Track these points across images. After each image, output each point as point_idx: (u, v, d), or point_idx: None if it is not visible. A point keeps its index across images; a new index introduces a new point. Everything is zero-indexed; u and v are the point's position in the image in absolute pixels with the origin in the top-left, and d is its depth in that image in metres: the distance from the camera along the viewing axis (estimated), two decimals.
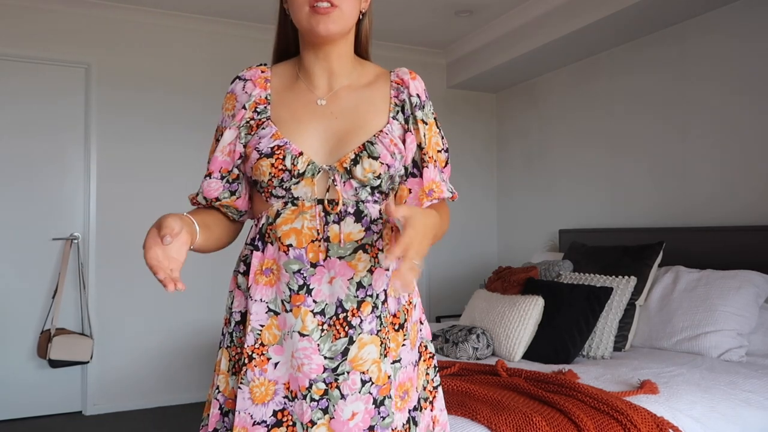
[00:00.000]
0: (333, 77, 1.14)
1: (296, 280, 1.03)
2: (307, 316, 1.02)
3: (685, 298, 2.70)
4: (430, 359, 1.17)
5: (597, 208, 3.92)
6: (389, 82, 1.18)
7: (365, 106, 1.13)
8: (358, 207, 1.07)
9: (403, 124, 1.14)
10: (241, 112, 1.11)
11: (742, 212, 3.01)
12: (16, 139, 3.62)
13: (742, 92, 3.02)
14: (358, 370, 1.02)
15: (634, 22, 3.36)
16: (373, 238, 1.07)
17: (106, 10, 3.77)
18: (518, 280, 2.94)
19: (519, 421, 1.64)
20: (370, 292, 1.05)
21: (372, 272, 1.05)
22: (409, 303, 1.13)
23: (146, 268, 3.82)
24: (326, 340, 1.02)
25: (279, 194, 1.07)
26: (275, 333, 1.04)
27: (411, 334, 1.11)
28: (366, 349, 1.03)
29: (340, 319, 1.03)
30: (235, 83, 1.15)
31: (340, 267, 1.04)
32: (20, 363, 3.59)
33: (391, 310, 1.08)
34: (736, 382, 2.11)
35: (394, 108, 1.14)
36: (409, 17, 4.01)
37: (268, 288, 1.06)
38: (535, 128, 4.52)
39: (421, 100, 1.17)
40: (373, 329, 1.04)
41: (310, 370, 1.01)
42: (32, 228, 3.64)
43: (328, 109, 1.11)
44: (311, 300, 1.03)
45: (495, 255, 4.93)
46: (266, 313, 1.05)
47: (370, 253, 1.06)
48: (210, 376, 3.91)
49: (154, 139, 3.89)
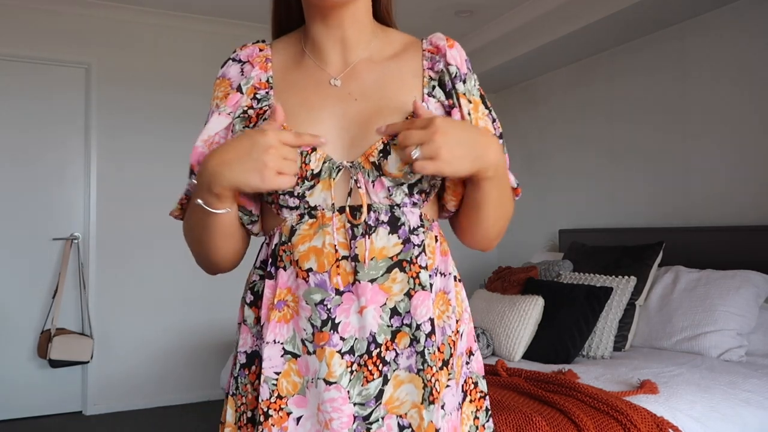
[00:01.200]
0: (348, 49, 0.90)
1: (319, 314, 0.81)
2: (333, 359, 0.81)
3: (685, 298, 2.70)
4: (480, 400, 0.93)
5: (597, 208, 3.92)
6: (420, 51, 0.93)
7: (392, 82, 0.89)
8: (393, 213, 0.84)
9: (442, 101, 0.89)
10: (235, 95, 0.89)
11: (742, 212, 3.01)
12: (16, 139, 3.62)
13: (743, 92, 3.02)
14: (394, 414, 0.82)
15: (633, 23, 3.36)
16: (413, 253, 0.83)
17: (106, 10, 3.77)
18: (518, 280, 2.94)
19: (519, 421, 1.64)
20: (408, 321, 0.82)
21: (411, 296, 0.83)
22: (456, 333, 0.89)
23: (146, 268, 3.83)
24: (356, 383, 0.81)
25: (292, 205, 0.84)
26: (295, 381, 0.83)
27: (456, 371, 0.89)
28: (403, 389, 0.82)
29: (372, 357, 0.81)
30: (227, 66, 0.93)
31: (371, 293, 0.81)
32: (20, 363, 3.59)
33: (437, 343, 0.85)
34: (735, 382, 2.11)
35: (429, 82, 0.90)
36: (409, 17, 4.01)
37: (283, 325, 0.84)
38: (535, 128, 4.52)
39: (462, 72, 0.90)
40: (412, 366, 0.82)
41: (341, 426, 0.80)
42: (32, 228, 3.64)
43: (345, 90, 0.88)
44: (338, 337, 0.81)
45: (495, 255, 4.93)
46: (282, 356, 0.83)
47: (408, 273, 0.83)
48: (210, 376, 3.92)
49: (154, 139, 3.89)
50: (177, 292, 3.90)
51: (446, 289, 0.89)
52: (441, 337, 0.86)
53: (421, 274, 0.83)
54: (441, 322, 0.87)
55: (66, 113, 3.75)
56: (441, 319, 0.87)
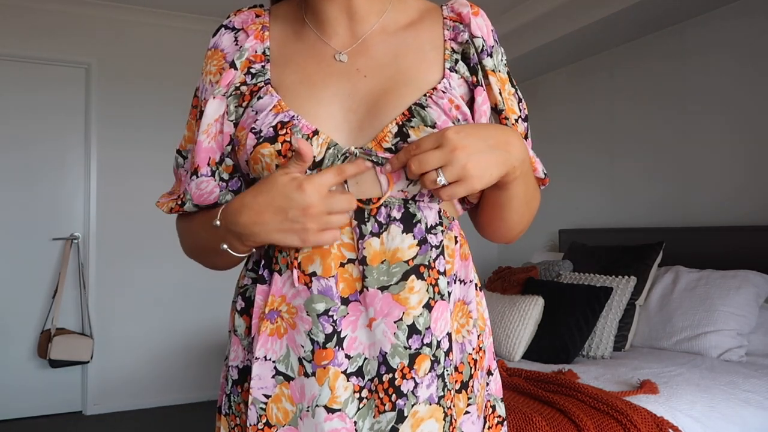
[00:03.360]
0: (355, 21, 0.77)
1: (322, 327, 0.69)
2: (337, 381, 0.68)
3: (685, 298, 2.70)
4: (498, 426, 0.82)
5: (597, 208, 3.92)
6: (441, 19, 0.80)
7: (408, 54, 0.76)
8: (408, 209, 0.72)
9: (466, 77, 0.78)
10: (229, 72, 0.76)
11: (742, 212, 3.01)
12: (16, 139, 3.62)
13: (743, 93, 3.02)
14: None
15: (633, 23, 3.36)
16: (430, 256, 0.72)
17: (106, 10, 3.77)
18: (518, 280, 2.94)
19: (519, 421, 1.64)
20: (428, 340, 0.70)
21: (431, 308, 0.71)
22: (478, 350, 0.78)
23: (146, 268, 3.83)
24: (367, 414, 0.69)
25: None
26: (287, 408, 0.71)
27: (476, 395, 0.78)
28: (423, 428, 0.70)
29: (384, 383, 0.69)
30: (219, 35, 0.81)
31: (382, 303, 0.69)
32: (20, 363, 3.59)
33: (455, 362, 0.75)
34: (735, 382, 2.11)
35: (452, 56, 0.78)
36: None
37: (275, 340, 0.72)
38: (535, 127, 4.50)
39: (488, 44, 0.79)
40: (432, 396, 0.70)
41: None
42: (32, 228, 3.64)
43: (353, 66, 0.76)
44: (343, 355, 0.69)
45: (495, 255, 4.93)
46: (273, 377, 0.71)
47: (427, 279, 0.71)
48: (210, 376, 3.91)
49: (154, 139, 3.89)
50: (177, 292, 3.90)
51: (466, 299, 0.78)
52: (460, 354, 0.75)
53: (440, 280, 0.72)
54: (460, 338, 0.76)
55: (66, 113, 3.74)
56: (460, 333, 0.76)
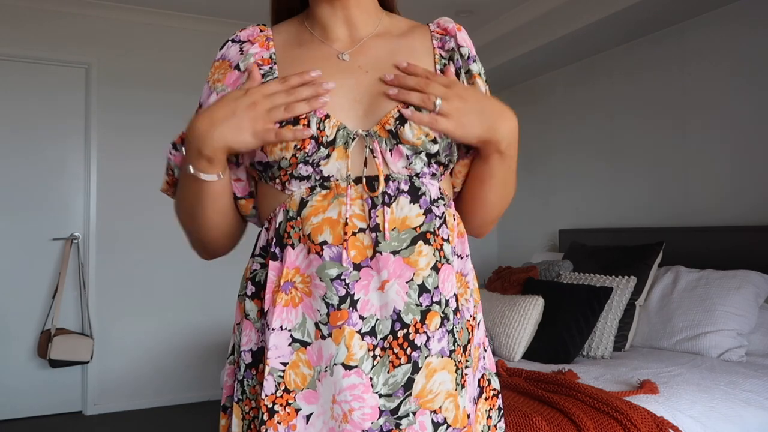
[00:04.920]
0: (354, 28, 0.87)
1: (336, 290, 0.75)
2: (353, 340, 0.74)
3: (684, 298, 2.70)
4: (494, 398, 0.89)
5: (597, 208, 3.92)
6: (429, 33, 0.93)
7: (404, 54, 0.86)
8: (413, 183, 0.79)
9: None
10: (233, 74, 0.85)
11: (741, 212, 3.01)
12: (16, 139, 3.62)
13: (743, 93, 3.01)
14: (427, 409, 0.74)
15: (633, 23, 3.36)
16: (435, 224, 0.79)
17: (106, 10, 3.77)
18: (518, 280, 2.94)
19: (519, 421, 1.64)
20: (438, 298, 0.77)
21: (438, 270, 0.78)
22: (473, 319, 0.86)
23: (146, 268, 3.83)
24: (381, 370, 0.74)
25: (304, 173, 0.79)
26: (304, 372, 0.76)
27: (473, 360, 0.84)
28: (436, 378, 0.75)
29: (398, 339, 0.75)
30: (226, 47, 0.89)
31: (394, 265, 0.76)
32: (20, 363, 3.59)
33: (463, 325, 0.83)
34: (735, 382, 2.11)
35: (441, 59, 0.87)
36: (409, 17, 4.01)
37: (290, 309, 0.77)
38: (535, 128, 4.51)
39: (472, 54, 0.90)
40: (444, 349, 0.76)
41: (362, 418, 0.72)
42: (32, 228, 3.64)
43: (355, 64, 0.84)
44: (357, 316, 0.75)
45: (495, 255, 4.93)
46: (290, 345, 0.76)
47: (433, 244, 0.78)
48: (210, 376, 3.91)
49: (154, 139, 3.89)
50: (177, 292, 3.90)
51: (464, 272, 0.86)
52: (460, 320, 0.82)
53: (445, 246, 0.80)
54: (460, 305, 0.82)
55: (66, 113, 3.75)
56: (459, 301, 0.82)
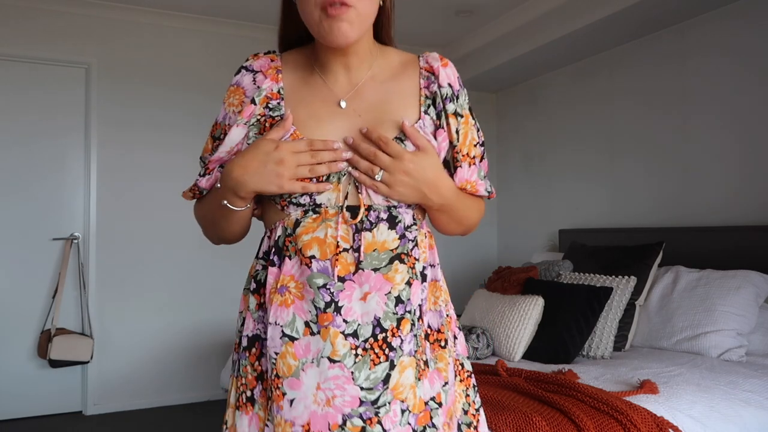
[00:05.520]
0: (352, 72, 1.00)
1: (322, 296, 0.90)
2: (337, 339, 0.88)
3: (684, 298, 2.70)
4: (468, 378, 1.04)
5: (597, 208, 3.92)
6: (418, 69, 1.03)
7: (393, 100, 0.99)
8: (391, 212, 0.95)
9: (434, 119, 1.00)
10: (249, 107, 0.97)
11: (742, 212, 3.01)
12: (16, 139, 3.62)
13: (743, 92, 3.02)
14: (398, 399, 0.89)
15: (633, 23, 3.36)
16: (408, 247, 0.95)
17: (106, 10, 3.77)
18: (518, 280, 2.94)
19: (519, 421, 1.65)
20: (409, 308, 0.92)
21: (410, 284, 0.93)
22: (447, 315, 1.02)
23: (146, 268, 3.83)
24: (362, 366, 0.88)
25: (303, 202, 0.94)
26: (290, 363, 0.89)
27: (450, 351, 1.01)
28: (406, 374, 0.90)
29: (378, 341, 0.89)
30: (241, 74, 1.01)
31: (375, 280, 0.90)
32: (20, 363, 3.59)
33: (434, 326, 0.98)
34: (735, 382, 2.11)
35: (425, 101, 1.01)
36: (409, 17, 4.01)
37: (283, 309, 0.92)
38: (535, 128, 4.52)
39: (454, 90, 1.01)
40: (411, 350, 0.92)
41: (343, 403, 0.87)
42: (32, 228, 3.64)
43: (351, 108, 0.98)
44: (341, 319, 0.89)
45: (495, 255, 4.93)
46: (281, 338, 0.91)
47: (407, 263, 0.93)
48: (210, 376, 3.92)
49: (154, 139, 3.89)
50: (177, 292, 3.90)
51: (437, 278, 1.02)
52: (439, 319, 0.99)
53: (416, 265, 0.95)
54: (437, 307, 0.99)
55: (66, 113, 3.74)
56: (437, 304, 1.00)
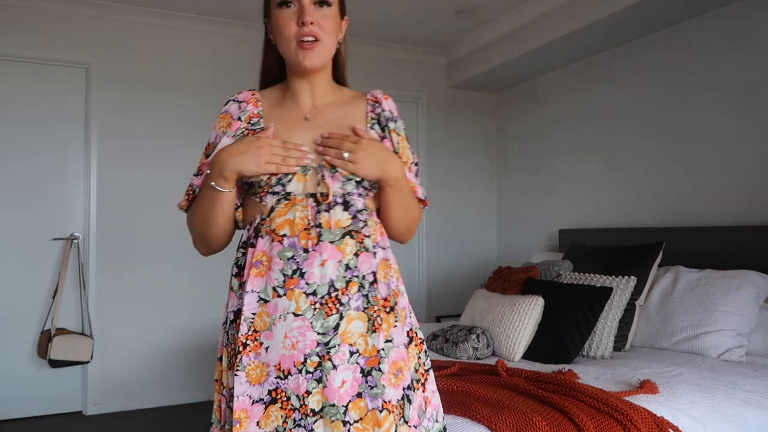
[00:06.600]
0: (316, 97, 1.31)
1: (290, 266, 1.15)
2: (300, 298, 1.14)
3: (685, 298, 2.70)
4: (420, 344, 1.28)
5: (597, 208, 3.92)
6: (365, 101, 1.34)
7: (346, 118, 1.30)
8: (345, 198, 1.22)
9: (379, 132, 1.31)
10: (236, 123, 1.27)
11: (742, 212, 3.01)
12: (16, 139, 3.62)
13: (743, 92, 3.02)
14: (346, 343, 1.14)
15: (633, 23, 3.36)
16: (359, 226, 1.21)
17: (106, 10, 3.77)
18: (518, 280, 2.94)
19: (519, 421, 1.65)
20: (356, 273, 1.18)
21: (358, 256, 1.19)
22: (396, 288, 1.26)
23: (146, 268, 3.83)
24: (319, 317, 1.13)
25: (276, 191, 1.21)
26: (265, 320, 1.15)
27: (401, 318, 1.24)
28: (353, 324, 1.15)
29: (332, 298, 1.15)
30: (229, 104, 1.31)
31: (330, 251, 1.16)
32: (20, 363, 3.59)
33: (382, 294, 1.21)
34: (736, 382, 2.11)
35: (371, 120, 1.32)
36: (409, 17, 4.01)
37: (258, 279, 1.17)
38: (535, 128, 4.52)
39: (394, 115, 1.33)
40: (359, 306, 1.17)
41: (304, 346, 1.12)
42: (32, 228, 3.64)
43: (314, 122, 1.28)
44: (304, 282, 1.14)
45: (495, 255, 4.93)
46: (257, 302, 1.16)
47: (356, 239, 1.19)
48: (210, 376, 3.91)
49: (154, 139, 3.89)
50: (177, 292, 3.90)
51: (387, 258, 1.26)
52: (387, 290, 1.22)
53: (365, 240, 1.20)
54: (387, 280, 1.23)
55: (66, 113, 3.74)
56: (387, 277, 1.23)
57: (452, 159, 4.83)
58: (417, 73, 4.69)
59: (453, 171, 4.83)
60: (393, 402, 1.15)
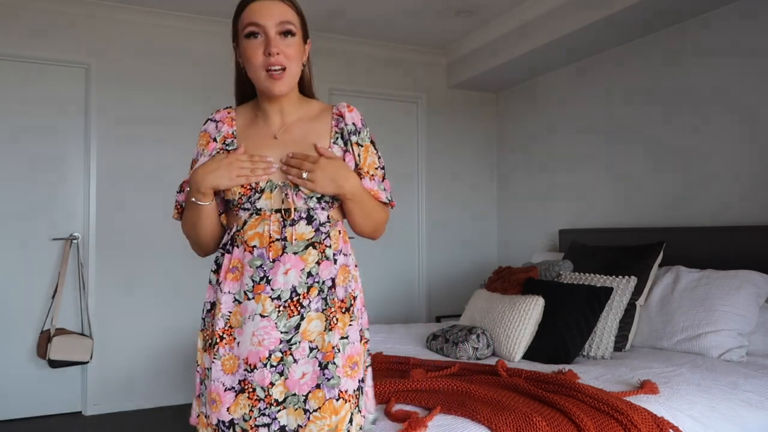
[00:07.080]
0: (284, 115, 1.43)
1: (258, 274, 1.31)
2: (266, 302, 1.29)
3: (685, 298, 2.70)
4: (365, 344, 1.43)
5: (597, 208, 3.92)
6: (331, 114, 1.45)
7: (311, 135, 1.41)
8: (309, 213, 1.35)
9: (342, 147, 1.42)
10: (212, 144, 1.43)
11: (742, 212, 3.01)
12: (16, 139, 3.62)
13: (744, 93, 3.01)
14: (306, 340, 1.30)
15: (633, 23, 3.36)
16: (321, 237, 1.35)
17: (106, 10, 3.77)
18: (518, 280, 2.93)
19: (519, 421, 1.64)
20: (317, 279, 1.32)
21: (319, 264, 1.33)
22: (353, 292, 1.40)
23: (146, 268, 3.83)
24: (282, 318, 1.29)
25: (247, 207, 1.36)
26: (239, 318, 1.31)
27: (356, 318, 1.37)
28: (313, 324, 1.30)
29: (293, 302, 1.30)
30: (207, 124, 1.47)
31: (294, 261, 1.31)
32: (20, 363, 3.59)
33: (339, 296, 1.34)
34: (736, 382, 2.11)
35: (335, 135, 1.43)
36: (409, 17, 4.01)
37: (234, 282, 1.34)
38: (536, 128, 4.51)
39: (357, 127, 1.44)
40: (318, 308, 1.31)
41: (269, 343, 1.28)
42: (32, 228, 3.64)
43: (282, 140, 1.40)
44: (270, 288, 1.30)
45: (495, 255, 4.93)
46: (233, 302, 1.33)
47: (318, 249, 1.34)
48: None
49: (153, 139, 3.89)
50: (176, 292, 3.90)
51: (347, 264, 1.39)
52: (344, 293, 1.36)
53: (326, 250, 1.34)
54: (345, 284, 1.37)
55: (66, 113, 3.74)
56: (345, 282, 1.37)
57: (452, 159, 4.83)
58: (417, 73, 4.69)
59: (453, 171, 4.83)
60: (350, 392, 1.30)
